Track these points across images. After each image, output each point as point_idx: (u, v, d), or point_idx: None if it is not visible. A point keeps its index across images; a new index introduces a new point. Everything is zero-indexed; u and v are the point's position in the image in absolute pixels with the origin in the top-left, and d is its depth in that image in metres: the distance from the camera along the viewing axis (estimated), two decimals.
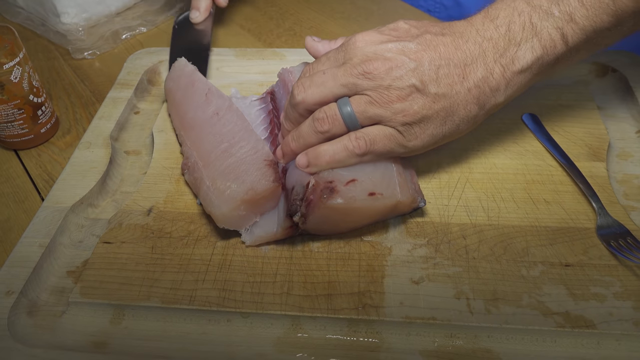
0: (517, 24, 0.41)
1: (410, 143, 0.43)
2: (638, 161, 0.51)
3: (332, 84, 0.43)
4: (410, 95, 0.41)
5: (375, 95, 0.41)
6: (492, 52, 0.41)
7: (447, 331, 0.40)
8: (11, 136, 0.59)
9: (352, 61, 0.42)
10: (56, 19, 0.75)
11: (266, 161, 0.45)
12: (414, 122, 0.42)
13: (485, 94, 0.42)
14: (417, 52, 0.41)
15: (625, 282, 0.41)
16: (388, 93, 0.41)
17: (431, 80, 0.41)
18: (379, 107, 0.41)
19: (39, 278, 0.45)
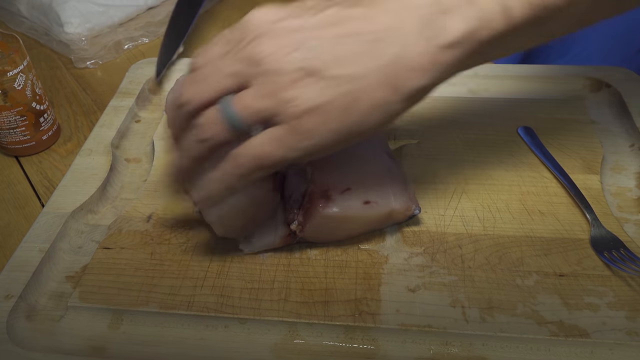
0: None
1: (304, 143, 0.34)
2: (631, 174, 0.52)
3: (217, 76, 0.34)
4: (302, 80, 0.32)
5: (262, 84, 0.33)
6: (414, 22, 0.32)
7: (442, 339, 0.40)
8: (13, 142, 0.59)
9: (240, 45, 0.34)
10: (60, 28, 0.76)
11: None
12: (306, 113, 0.33)
13: (400, 75, 0.33)
14: (317, 29, 0.33)
15: (618, 292, 0.42)
16: (276, 79, 0.33)
17: (331, 61, 0.32)
18: (266, 99, 0.33)
19: (38, 282, 0.45)
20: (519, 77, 0.63)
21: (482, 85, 0.62)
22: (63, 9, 0.75)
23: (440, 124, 0.57)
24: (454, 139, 0.55)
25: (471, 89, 0.62)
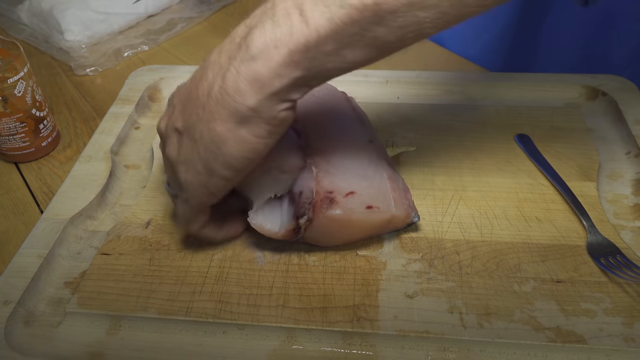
0: (257, 16, 0.35)
1: (187, 192, 0.40)
2: (628, 181, 0.52)
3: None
4: (170, 140, 0.40)
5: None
6: (226, 51, 0.35)
7: (440, 345, 0.40)
8: (12, 149, 0.59)
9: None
10: (60, 36, 0.77)
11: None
12: (175, 165, 0.40)
13: (225, 101, 0.34)
14: (178, 103, 0.40)
15: (615, 299, 0.42)
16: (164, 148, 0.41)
17: (179, 119, 0.39)
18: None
19: (37, 288, 0.45)
20: (516, 85, 0.63)
21: (480, 93, 0.63)
22: (63, 16, 0.76)
23: (438, 132, 0.58)
24: (451, 147, 0.56)
25: (469, 97, 0.63)
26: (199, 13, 0.86)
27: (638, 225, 0.49)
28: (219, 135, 0.35)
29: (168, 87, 0.67)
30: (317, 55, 0.33)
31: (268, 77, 0.33)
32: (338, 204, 0.42)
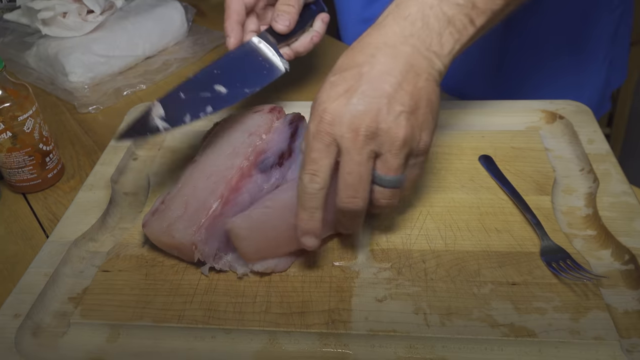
0: (430, 17, 0.45)
1: (426, 153, 0.49)
2: (581, 195, 0.58)
3: (360, 172, 0.45)
4: (397, 125, 0.45)
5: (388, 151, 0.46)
6: (428, 49, 0.46)
7: (407, 342, 0.45)
8: (21, 180, 0.65)
9: (348, 135, 0.44)
10: (64, 78, 0.83)
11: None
12: (413, 138, 0.46)
13: (432, 74, 0.47)
14: (371, 90, 0.44)
15: (563, 297, 0.46)
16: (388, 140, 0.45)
17: (396, 105, 0.44)
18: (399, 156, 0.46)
19: (43, 303, 0.50)
20: (482, 112, 0.69)
21: (449, 120, 0.69)
22: (68, 60, 0.82)
23: None
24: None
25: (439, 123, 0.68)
26: (193, 54, 0.93)
27: (589, 233, 0.53)
28: (435, 93, 0.47)
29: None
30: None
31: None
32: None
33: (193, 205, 0.51)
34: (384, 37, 0.46)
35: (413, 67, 0.45)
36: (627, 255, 0.50)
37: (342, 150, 0.44)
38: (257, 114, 0.61)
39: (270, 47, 0.62)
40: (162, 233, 0.50)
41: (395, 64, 0.45)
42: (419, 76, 0.45)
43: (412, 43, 0.46)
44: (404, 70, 0.45)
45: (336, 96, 0.44)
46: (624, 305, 0.46)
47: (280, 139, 0.59)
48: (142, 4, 0.94)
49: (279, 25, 0.63)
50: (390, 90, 0.44)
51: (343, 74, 0.45)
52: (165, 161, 0.66)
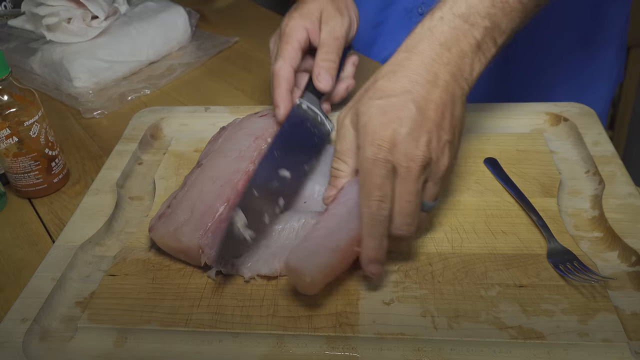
0: (463, 43, 0.47)
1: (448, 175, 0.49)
2: (587, 197, 0.58)
3: (416, 200, 0.46)
4: (444, 153, 0.47)
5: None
6: (460, 76, 0.48)
7: (414, 345, 0.44)
8: (27, 185, 0.65)
9: (405, 165, 0.44)
10: (69, 83, 0.84)
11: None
12: (451, 165, 0.49)
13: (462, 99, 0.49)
14: (421, 119, 0.45)
15: (571, 299, 0.46)
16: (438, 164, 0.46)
17: (445, 134, 0.46)
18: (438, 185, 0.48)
19: (51, 308, 0.50)
20: (487, 115, 0.69)
21: None
22: (72, 66, 0.83)
23: None
24: None
25: None
26: (197, 59, 0.93)
27: (596, 235, 0.53)
28: (464, 119, 0.49)
29: (168, 126, 0.73)
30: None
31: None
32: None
33: (199, 209, 0.51)
34: (423, 64, 0.47)
35: (452, 95, 0.47)
36: (634, 257, 0.50)
37: (400, 178, 0.45)
38: (262, 117, 0.61)
39: (315, 108, 0.60)
40: (168, 237, 0.50)
41: (438, 92, 0.46)
42: (455, 104, 0.47)
43: (450, 71, 0.47)
44: (445, 99, 0.46)
45: (388, 123, 0.45)
46: (632, 307, 0.46)
47: None
48: (146, 10, 0.94)
49: (321, 84, 0.61)
50: (437, 120, 0.45)
51: (391, 100, 0.45)
52: (170, 165, 0.66)
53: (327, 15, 0.64)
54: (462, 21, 0.47)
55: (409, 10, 0.85)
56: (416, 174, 0.44)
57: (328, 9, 0.64)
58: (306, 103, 0.60)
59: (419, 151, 0.44)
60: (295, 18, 0.63)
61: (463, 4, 0.48)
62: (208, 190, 0.53)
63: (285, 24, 0.63)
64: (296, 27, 0.62)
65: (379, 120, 0.45)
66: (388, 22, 0.88)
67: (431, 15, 0.49)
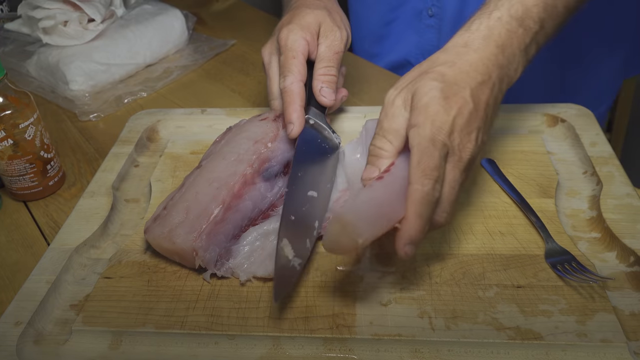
0: (515, 46, 0.49)
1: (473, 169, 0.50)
2: (585, 198, 0.57)
3: (459, 191, 0.46)
4: (470, 140, 0.46)
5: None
6: (505, 80, 0.49)
7: (412, 346, 0.44)
8: (22, 188, 0.65)
9: (458, 154, 0.45)
10: (65, 86, 0.83)
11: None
12: (477, 152, 0.48)
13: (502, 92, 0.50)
14: (475, 115, 0.46)
15: (569, 300, 0.46)
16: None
17: (474, 122, 0.46)
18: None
19: (45, 311, 0.49)
20: None
21: None
22: (69, 68, 0.82)
23: None
24: None
25: None
26: (194, 61, 0.93)
27: (594, 235, 0.53)
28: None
29: (165, 129, 0.73)
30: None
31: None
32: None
33: (194, 211, 0.51)
34: (481, 62, 0.47)
35: (496, 99, 0.49)
36: (632, 257, 0.49)
37: (450, 165, 0.45)
38: (263, 121, 0.61)
39: (322, 123, 0.60)
40: (163, 239, 0.50)
41: (488, 93, 0.47)
42: (496, 107, 0.49)
43: (500, 75, 0.48)
44: (491, 102, 0.48)
45: (449, 109, 0.45)
46: (631, 307, 0.46)
47: (286, 148, 0.59)
48: (142, 13, 0.94)
49: (325, 99, 0.61)
50: (484, 119, 0.47)
51: (453, 88, 0.46)
52: (166, 167, 0.65)
53: (326, 28, 0.63)
54: (517, 24, 0.49)
55: (418, 11, 0.85)
56: (465, 164, 0.45)
57: (327, 22, 0.63)
58: (313, 118, 0.60)
59: (471, 144, 0.45)
60: (294, 30, 0.61)
61: (520, 7, 0.49)
62: (204, 193, 0.53)
63: (284, 37, 0.61)
64: (298, 41, 0.61)
65: (441, 103, 0.45)
66: (397, 22, 0.88)
67: (489, 14, 0.49)
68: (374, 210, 0.43)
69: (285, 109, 0.59)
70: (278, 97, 0.63)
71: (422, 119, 0.44)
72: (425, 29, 0.85)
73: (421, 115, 0.45)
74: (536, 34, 0.50)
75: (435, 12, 0.83)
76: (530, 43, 0.50)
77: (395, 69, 0.91)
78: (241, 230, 0.53)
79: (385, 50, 0.92)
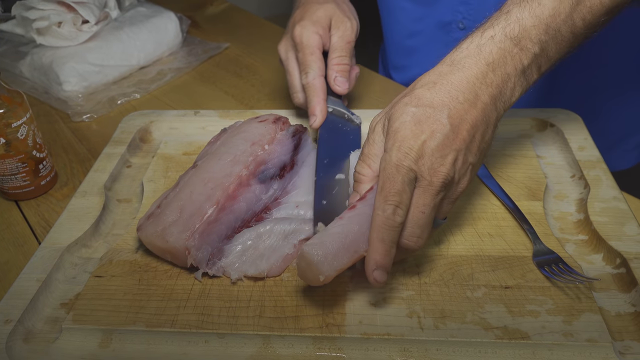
0: (510, 66, 0.47)
1: (461, 191, 0.48)
2: (572, 201, 0.58)
3: (431, 214, 0.45)
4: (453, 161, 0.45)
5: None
6: (499, 99, 0.47)
7: (401, 345, 0.44)
8: (14, 187, 0.65)
9: (429, 179, 0.44)
10: (58, 87, 0.83)
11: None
12: (463, 176, 0.47)
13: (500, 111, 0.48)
14: (452, 137, 0.45)
15: (556, 300, 0.47)
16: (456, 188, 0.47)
17: (471, 152, 0.46)
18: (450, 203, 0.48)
19: (35, 309, 0.49)
20: None
21: None
22: (62, 69, 0.83)
23: None
24: None
25: None
26: (187, 64, 0.93)
27: (581, 238, 0.54)
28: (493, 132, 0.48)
29: (157, 130, 0.73)
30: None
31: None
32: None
33: (188, 210, 0.51)
34: (466, 81, 0.46)
35: (487, 119, 0.46)
36: (618, 259, 0.50)
37: (419, 189, 0.44)
38: (261, 123, 0.61)
39: (340, 108, 0.65)
40: (155, 237, 0.50)
41: (474, 113, 0.45)
42: (488, 128, 0.47)
43: (491, 93, 0.46)
44: (479, 122, 0.46)
45: (420, 133, 0.44)
46: (616, 308, 0.47)
47: (283, 151, 0.59)
48: (137, 15, 0.94)
49: (339, 88, 0.66)
50: (467, 140, 0.45)
51: (427, 111, 0.45)
52: (159, 168, 0.66)
53: (337, 20, 0.66)
54: (512, 44, 0.46)
55: (445, 23, 0.82)
56: (437, 189, 0.44)
57: (337, 15, 0.67)
58: (331, 106, 0.65)
59: (444, 168, 0.44)
60: (307, 27, 0.65)
61: (517, 26, 0.47)
62: (199, 192, 0.53)
63: (299, 34, 0.65)
64: (312, 37, 0.65)
65: (411, 128, 0.44)
66: (422, 35, 0.85)
67: (482, 32, 0.48)
68: (339, 244, 0.45)
69: (309, 103, 0.64)
70: (300, 90, 0.67)
71: (391, 144, 0.45)
72: (455, 43, 0.83)
73: (390, 140, 0.45)
74: (536, 56, 0.47)
75: (468, 25, 0.80)
76: (530, 65, 0.47)
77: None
78: (234, 232, 0.54)
79: (412, 63, 0.90)
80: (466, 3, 0.78)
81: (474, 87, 0.46)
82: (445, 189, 0.45)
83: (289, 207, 0.58)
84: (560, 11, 0.47)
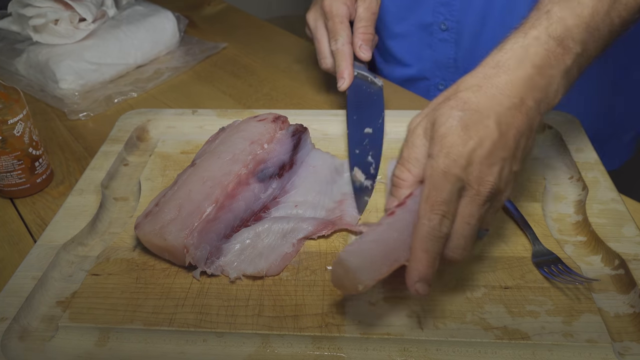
0: (555, 68, 0.45)
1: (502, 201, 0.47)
2: (570, 202, 0.58)
3: (476, 225, 0.44)
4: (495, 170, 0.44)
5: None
6: (543, 102, 0.46)
7: (400, 345, 0.44)
8: (9, 185, 0.64)
9: (476, 188, 0.43)
10: (55, 85, 0.83)
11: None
12: (507, 185, 0.46)
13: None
14: (501, 145, 0.43)
15: (556, 301, 0.47)
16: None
17: (499, 153, 0.44)
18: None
19: (31, 307, 0.49)
20: None
21: None
22: (59, 67, 0.82)
23: None
24: None
25: None
26: (185, 63, 0.93)
27: (580, 239, 0.54)
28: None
29: (155, 128, 0.72)
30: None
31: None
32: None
33: (187, 208, 0.51)
34: (512, 85, 0.44)
35: (531, 124, 0.45)
36: (617, 261, 0.50)
37: (466, 199, 0.43)
38: (261, 122, 0.61)
39: (364, 72, 0.71)
40: (153, 235, 0.50)
41: (520, 118, 0.44)
42: (531, 134, 0.46)
43: (536, 97, 0.45)
44: (525, 128, 0.45)
45: (468, 139, 0.43)
46: (615, 309, 0.47)
47: (282, 151, 0.59)
48: (134, 14, 0.94)
49: (364, 55, 0.71)
50: (513, 147, 0.44)
51: (474, 116, 0.44)
52: (156, 167, 0.65)
53: None
54: (556, 44, 0.45)
55: (427, 24, 0.82)
56: (484, 199, 0.43)
57: None
58: (356, 70, 0.70)
59: (492, 178, 0.43)
60: None
61: (559, 26, 0.45)
62: (197, 191, 0.53)
63: (329, 4, 0.70)
64: (341, 7, 0.70)
65: (459, 134, 0.43)
66: (406, 35, 0.86)
67: (525, 33, 0.46)
68: (378, 252, 0.43)
69: (338, 67, 0.70)
70: (328, 56, 0.72)
71: (437, 150, 0.43)
72: (439, 43, 0.83)
73: (437, 146, 0.44)
74: (578, 55, 0.46)
75: (450, 26, 0.80)
76: (572, 65, 0.46)
77: (410, 83, 0.89)
78: (233, 230, 0.53)
79: (397, 64, 0.90)
80: (447, 4, 0.79)
81: (519, 91, 0.44)
82: (491, 199, 0.44)
83: (288, 207, 0.58)
84: (599, 9, 0.46)
